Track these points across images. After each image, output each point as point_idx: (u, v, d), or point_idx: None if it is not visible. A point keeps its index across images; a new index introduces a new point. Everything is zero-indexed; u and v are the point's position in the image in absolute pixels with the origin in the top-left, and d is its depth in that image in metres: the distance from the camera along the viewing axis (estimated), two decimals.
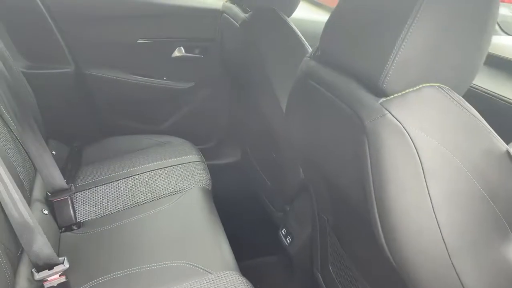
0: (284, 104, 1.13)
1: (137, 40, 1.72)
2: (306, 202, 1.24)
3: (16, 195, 1.01)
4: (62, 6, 1.61)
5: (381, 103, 0.60)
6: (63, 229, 1.26)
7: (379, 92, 0.61)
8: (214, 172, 1.57)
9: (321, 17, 1.84)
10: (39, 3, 1.55)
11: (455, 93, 0.60)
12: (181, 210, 1.31)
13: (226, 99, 1.85)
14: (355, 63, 0.68)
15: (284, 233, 1.37)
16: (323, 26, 0.82)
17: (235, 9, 1.46)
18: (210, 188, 1.44)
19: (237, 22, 1.39)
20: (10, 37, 1.55)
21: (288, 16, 1.35)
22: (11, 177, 1.01)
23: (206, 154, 1.67)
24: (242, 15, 1.38)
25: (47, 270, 1.02)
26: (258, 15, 1.32)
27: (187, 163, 1.51)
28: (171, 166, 1.49)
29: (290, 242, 1.33)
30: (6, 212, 0.99)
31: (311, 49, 1.20)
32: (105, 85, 1.76)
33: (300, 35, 1.24)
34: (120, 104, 1.83)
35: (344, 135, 0.71)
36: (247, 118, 1.67)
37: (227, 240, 1.22)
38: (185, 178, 1.42)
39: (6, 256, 0.93)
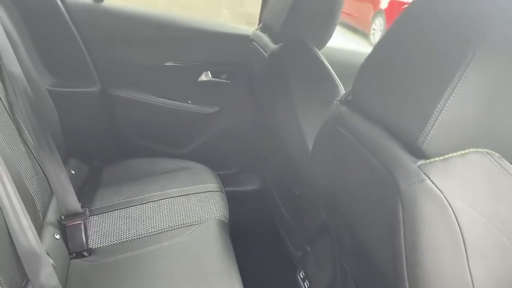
0: (309, 142, 1.07)
1: (165, 63, 1.71)
2: (328, 245, 1.17)
3: (26, 221, 0.98)
4: (92, 26, 1.61)
5: (419, 166, 0.54)
6: (73, 255, 1.22)
7: (418, 153, 0.55)
8: (232, 199, 1.52)
9: (354, 44, 1.79)
10: (70, 22, 1.56)
11: (506, 161, 0.53)
12: (195, 244, 1.25)
13: (250, 126, 1.81)
14: (391, 115, 0.62)
15: (302, 277, 1.29)
16: (356, 56, 0.77)
17: (265, 38, 1.42)
18: (227, 221, 1.39)
19: (266, 52, 1.35)
20: (38, 54, 1.55)
21: (320, 49, 1.30)
22: (21, 201, 0.98)
23: (226, 180, 1.63)
24: (272, 45, 1.34)
25: None
26: (288, 46, 1.28)
27: (205, 192, 1.46)
28: (189, 194, 1.44)
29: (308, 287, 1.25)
30: (14, 239, 0.95)
31: (341, 85, 1.16)
32: (129, 106, 1.75)
33: (331, 70, 1.19)
34: (143, 126, 1.81)
35: (374, 191, 0.65)
36: (271, 148, 1.62)
37: (241, 280, 1.16)
38: (203, 208, 1.37)
39: (9, 287, 0.89)
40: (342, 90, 1.13)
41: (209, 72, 1.75)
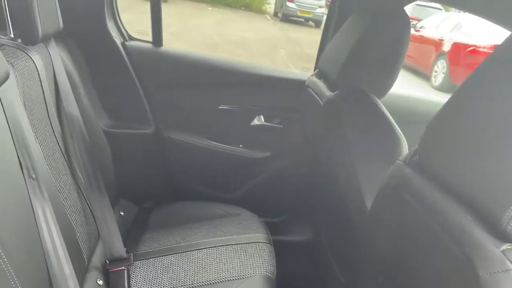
0: (367, 199, 0.98)
1: (219, 106, 1.70)
2: None
3: (68, 269, 0.96)
4: (150, 69, 1.65)
5: (503, 252, 0.45)
6: None
7: (501, 235, 0.46)
8: (280, 248, 1.45)
9: (415, 87, 1.70)
10: (129, 65, 1.61)
11: None
12: None
13: (302, 173, 1.74)
14: (466, 186, 0.53)
15: None
16: (417, 103, 0.69)
17: (321, 85, 1.37)
18: (273, 277, 1.30)
19: (321, 100, 1.29)
20: (97, 95, 1.60)
21: (380, 98, 1.22)
22: (65, 248, 0.97)
23: (274, 228, 1.56)
24: (328, 93, 1.28)
25: None
26: (345, 94, 1.21)
27: (253, 242, 1.40)
28: (236, 244, 1.38)
29: None
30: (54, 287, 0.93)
31: (404, 140, 1.06)
32: (181, 148, 1.75)
33: (393, 122, 1.11)
34: (193, 168, 1.80)
35: (445, 274, 0.55)
36: (324, 199, 1.53)
37: None
38: (249, 262, 1.30)
39: None
40: (405, 145, 1.04)
41: (262, 116, 1.72)
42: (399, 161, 0.74)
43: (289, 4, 12.28)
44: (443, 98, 1.72)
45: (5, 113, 0.93)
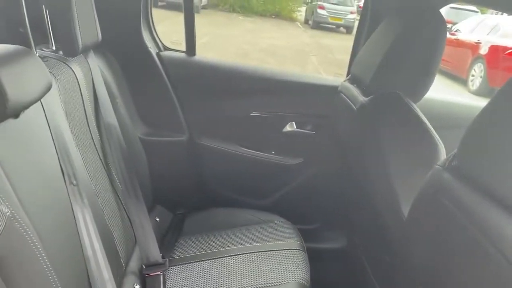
0: (404, 206, 0.96)
1: (251, 113, 1.71)
2: None
3: (107, 273, 0.98)
4: (184, 78, 1.68)
5: None
6: None
7: None
8: (314, 256, 1.43)
9: (452, 92, 1.65)
10: (163, 74, 1.65)
11: None
12: None
13: (335, 180, 1.72)
14: (507, 190, 0.51)
15: None
16: (454, 107, 0.67)
17: (354, 90, 1.35)
18: (308, 285, 1.29)
19: (354, 105, 1.28)
20: (134, 104, 1.65)
21: (416, 102, 1.20)
22: (104, 253, 1.00)
23: (307, 236, 1.54)
24: (361, 98, 1.26)
25: None
26: (380, 100, 1.19)
27: (286, 249, 1.39)
28: (269, 250, 1.38)
29: None
30: None
31: (441, 145, 1.04)
32: (214, 155, 1.76)
33: (430, 127, 1.08)
34: (226, 175, 1.81)
35: (485, 277, 0.53)
36: (358, 206, 1.50)
37: None
38: (283, 268, 1.30)
39: None
40: (442, 150, 1.01)
41: (294, 122, 1.72)
42: (438, 166, 0.72)
43: (319, 11, 12.25)
44: (480, 102, 1.67)
45: (48, 122, 0.97)
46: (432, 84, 1.24)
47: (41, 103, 0.96)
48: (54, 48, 1.23)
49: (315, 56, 8.98)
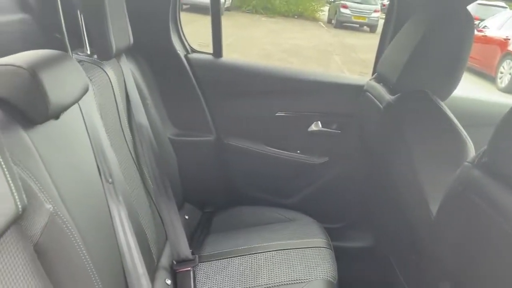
0: (432, 205, 0.96)
1: (276, 113, 1.73)
2: None
3: (141, 268, 1.02)
4: (210, 79, 1.72)
5: None
6: None
7: None
8: (340, 254, 1.44)
9: (480, 90, 1.63)
10: (191, 76, 1.69)
11: None
12: None
13: (361, 178, 1.72)
14: None
15: None
16: (484, 105, 0.67)
17: (380, 89, 1.36)
18: (335, 282, 1.29)
19: (381, 104, 1.28)
20: (163, 106, 1.69)
21: (443, 100, 1.19)
22: (139, 249, 1.04)
23: (333, 235, 1.55)
24: (387, 96, 1.26)
25: None
26: (407, 98, 1.19)
27: (313, 247, 1.40)
28: (296, 248, 1.40)
29: None
30: (129, 285, 1.00)
31: (470, 142, 1.03)
32: (240, 154, 1.79)
33: (458, 124, 1.07)
34: (253, 174, 1.84)
35: None
36: (384, 206, 1.50)
37: None
38: (310, 266, 1.31)
39: None
40: (471, 148, 1.01)
41: (319, 122, 1.73)
42: (467, 163, 0.72)
43: (343, 10, 12.16)
44: (510, 100, 1.63)
45: (85, 123, 1.02)
46: (460, 82, 1.23)
47: (79, 105, 1.01)
48: (88, 52, 1.28)
49: (339, 55, 8.92)
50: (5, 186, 0.60)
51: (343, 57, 8.79)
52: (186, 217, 1.62)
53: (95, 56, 1.28)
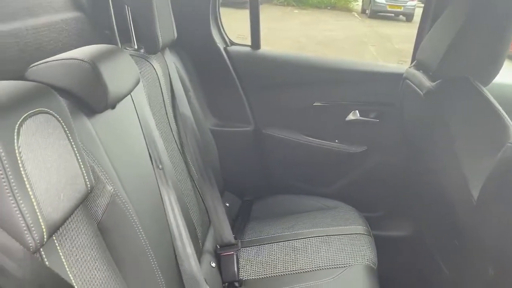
0: (474, 190, 0.97)
1: (313, 103, 1.76)
2: None
3: (190, 249, 1.09)
4: (249, 71, 1.77)
5: None
6: (226, 284, 1.30)
7: None
8: (380, 244, 1.46)
9: None
10: (231, 68, 1.74)
11: None
12: (342, 287, 1.22)
13: (400, 167, 1.72)
14: None
15: None
16: None
17: (420, 76, 1.35)
18: (375, 267, 1.32)
19: (421, 91, 1.28)
20: (204, 97, 1.76)
21: (486, 86, 1.18)
22: (187, 231, 1.10)
23: (372, 224, 1.57)
24: (428, 83, 1.26)
25: None
26: (448, 84, 1.19)
27: (352, 234, 1.43)
28: (336, 235, 1.43)
29: None
30: (180, 264, 1.06)
31: None
32: (279, 144, 1.83)
33: (501, 110, 1.07)
34: (291, 163, 1.87)
35: None
36: (424, 193, 1.50)
37: None
38: (350, 251, 1.34)
39: None
40: None
41: (357, 111, 1.74)
42: (510, 144, 0.73)
43: None
44: None
45: (137, 112, 1.09)
46: (502, 68, 1.22)
47: (131, 96, 1.08)
48: (136, 47, 1.35)
49: (374, 46, 8.75)
50: (76, 166, 0.67)
51: (378, 47, 8.62)
52: (227, 204, 1.68)
53: (142, 51, 1.34)
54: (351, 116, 1.75)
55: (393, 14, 12.23)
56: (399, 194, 1.78)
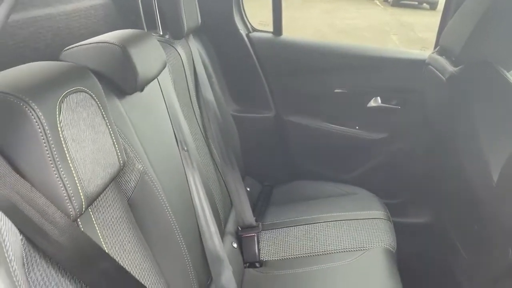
0: (495, 173, 0.97)
1: (334, 90, 1.76)
2: None
3: (213, 228, 1.12)
4: (270, 57, 1.79)
5: None
6: (247, 264, 1.34)
7: None
8: (399, 230, 1.46)
9: None
10: (253, 54, 1.76)
11: None
12: (361, 270, 1.24)
13: (421, 154, 1.72)
14: None
15: None
16: None
17: (443, 61, 1.35)
18: (394, 251, 1.33)
19: (443, 76, 1.28)
20: (226, 84, 1.79)
21: (508, 70, 1.18)
22: (211, 211, 1.14)
23: (392, 210, 1.57)
24: (451, 68, 1.26)
25: None
26: (471, 69, 1.19)
27: (372, 218, 1.44)
28: (355, 219, 1.44)
29: None
30: (204, 242, 1.10)
31: None
32: (299, 131, 1.85)
33: None
34: (311, 150, 1.89)
35: None
36: (445, 179, 1.50)
37: None
38: (368, 235, 1.36)
39: (197, 284, 1.03)
40: None
41: (378, 97, 1.74)
42: None
43: None
44: None
45: (163, 96, 1.12)
46: None
47: (158, 80, 1.11)
48: (161, 32, 1.39)
49: (396, 35, 8.61)
50: (110, 143, 0.71)
51: (401, 36, 8.48)
52: (248, 189, 1.71)
53: (167, 36, 1.38)
54: (372, 103, 1.75)
55: (416, 2, 11.97)
56: (419, 181, 1.78)
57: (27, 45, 0.89)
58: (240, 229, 1.42)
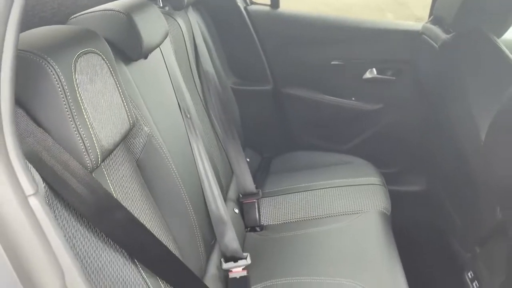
0: (482, 131, 1.02)
1: (331, 62, 1.79)
2: (503, 246, 1.09)
3: (216, 192, 1.17)
4: (268, 30, 1.81)
5: None
6: (248, 229, 1.40)
7: None
8: (395, 198, 1.52)
9: None
10: (251, 27, 1.78)
11: None
12: (356, 231, 1.30)
13: (416, 123, 1.76)
14: None
15: (470, 277, 1.22)
16: None
17: (436, 30, 1.38)
18: (389, 214, 1.39)
19: (436, 44, 1.32)
20: (225, 56, 1.81)
21: (499, 37, 1.22)
22: (214, 176, 1.19)
23: (388, 179, 1.63)
24: (443, 36, 1.30)
25: (232, 262, 1.16)
26: (462, 36, 1.22)
27: (367, 184, 1.50)
28: (351, 185, 1.50)
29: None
30: (208, 205, 1.16)
31: None
32: (297, 103, 1.88)
33: None
34: (309, 121, 1.93)
35: None
36: (438, 147, 1.55)
37: (402, 269, 1.16)
38: (364, 199, 1.41)
39: (203, 242, 1.09)
40: None
41: (374, 69, 1.77)
42: None
43: None
44: None
45: (166, 64, 1.16)
46: None
47: (160, 49, 1.15)
48: (161, 4, 1.41)
49: (392, 13, 8.57)
50: (121, 103, 0.75)
51: (397, 14, 8.43)
52: (248, 159, 1.76)
53: (167, 8, 1.40)
54: (368, 74, 1.78)
55: None
56: (414, 150, 1.83)
57: (35, 13, 0.92)
58: (241, 196, 1.47)
